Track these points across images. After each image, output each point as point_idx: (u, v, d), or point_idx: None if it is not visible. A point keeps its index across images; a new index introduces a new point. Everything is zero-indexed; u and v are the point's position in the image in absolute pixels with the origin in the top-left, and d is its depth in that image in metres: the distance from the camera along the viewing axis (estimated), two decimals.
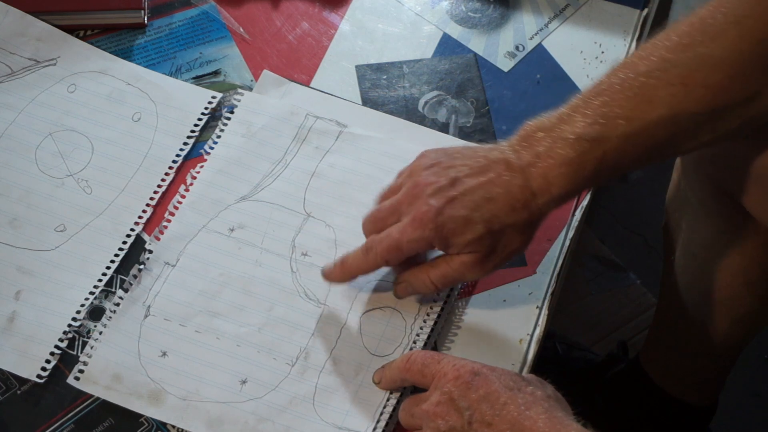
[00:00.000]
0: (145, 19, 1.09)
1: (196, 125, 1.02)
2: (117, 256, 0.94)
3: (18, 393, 0.87)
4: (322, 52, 1.09)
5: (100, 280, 0.92)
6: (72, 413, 0.86)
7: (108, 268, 0.93)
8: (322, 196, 0.97)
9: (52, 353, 0.88)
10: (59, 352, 0.89)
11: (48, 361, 0.88)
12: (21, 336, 0.89)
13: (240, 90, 1.04)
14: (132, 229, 0.95)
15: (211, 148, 1.01)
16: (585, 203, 0.99)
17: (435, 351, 0.89)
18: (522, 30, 1.11)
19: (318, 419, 0.86)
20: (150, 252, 0.94)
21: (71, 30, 1.08)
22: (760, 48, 0.81)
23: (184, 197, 0.97)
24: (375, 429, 0.85)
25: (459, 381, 0.80)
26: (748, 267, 1.18)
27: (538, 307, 0.93)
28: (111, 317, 0.90)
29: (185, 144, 1.01)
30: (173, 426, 0.86)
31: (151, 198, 0.97)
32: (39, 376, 0.87)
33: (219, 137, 1.01)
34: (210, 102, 1.03)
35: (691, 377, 1.37)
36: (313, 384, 0.88)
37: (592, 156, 0.83)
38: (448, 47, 1.10)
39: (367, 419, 0.86)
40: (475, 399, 0.79)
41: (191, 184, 0.98)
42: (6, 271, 0.93)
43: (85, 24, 1.08)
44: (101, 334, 0.89)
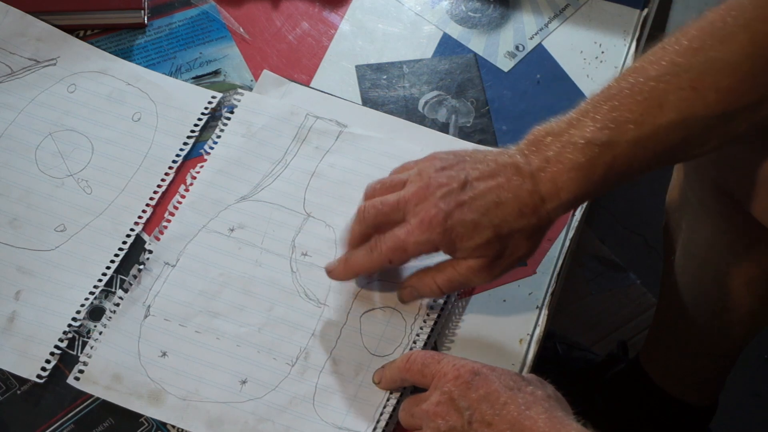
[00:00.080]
0: (145, 19, 1.09)
1: (196, 125, 1.02)
2: (117, 256, 0.94)
3: (18, 393, 0.87)
4: (322, 52, 1.09)
5: (100, 280, 0.92)
6: (72, 413, 0.86)
7: (108, 268, 0.93)
8: (322, 196, 0.97)
9: (52, 353, 0.88)
10: (59, 352, 0.89)
11: (48, 361, 0.88)
12: (21, 336, 0.89)
13: (240, 90, 1.04)
14: (132, 229, 0.95)
15: (211, 148, 1.01)
16: (585, 203, 0.99)
17: (435, 351, 0.89)
18: (522, 30, 1.11)
19: (318, 419, 0.86)
20: (150, 252, 0.94)
21: (71, 30, 1.08)
22: None
23: (184, 197, 0.97)
24: (375, 429, 0.85)
25: (459, 381, 0.80)
26: (748, 267, 1.18)
27: (538, 307, 0.93)
28: (111, 317, 0.90)
29: (185, 144, 1.01)
30: (173, 426, 0.86)
31: (151, 198, 0.97)
32: (39, 376, 0.87)
33: (219, 137, 1.01)
34: (210, 102, 1.03)
35: (691, 377, 1.37)
36: (313, 384, 0.88)
37: (601, 161, 0.82)
38: (448, 47, 1.10)
39: (367, 419, 0.86)
40: (475, 399, 0.79)
41: (191, 184, 0.98)
42: (6, 271, 0.93)
43: (85, 24, 1.08)
44: (101, 334, 0.89)
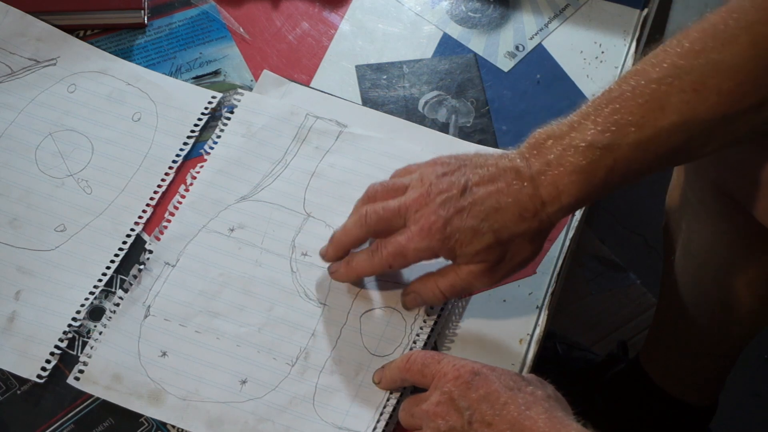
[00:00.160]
0: (145, 19, 1.09)
1: (196, 125, 1.02)
2: (117, 256, 0.94)
3: (18, 393, 0.87)
4: (322, 52, 1.09)
5: (100, 280, 0.92)
6: (72, 413, 0.86)
7: (108, 268, 0.93)
8: (322, 196, 0.97)
9: (52, 353, 0.88)
10: (59, 352, 0.89)
11: (48, 361, 0.88)
12: (21, 336, 0.89)
13: (240, 90, 1.04)
14: (132, 229, 0.95)
15: (211, 148, 1.01)
16: None
17: (435, 351, 0.89)
18: (522, 30, 1.11)
19: (318, 419, 0.86)
20: (150, 252, 0.94)
21: (71, 30, 1.08)
22: None
23: (184, 197, 0.97)
24: (375, 429, 0.85)
25: (459, 381, 0.80)
26: (748, 267, 1.18)
27: (538, 307, 0.93)
28: (111, 317, 0.90)
29: (185, 144, 1.01)
30: (173, 426, 0.86)
31: (151, 198, 0.97)
32: (39, 376, 0.87)
33: (219, 137, 1.01)
34: (210, 102, 1.03)
35: (691, 377, 1.37)
36: (313, 384, 0.88)
37: (603, 164, 0.82)
38: (448, 47, 1.10)
39: (367, 419, 0.86)
40: (475, 399, 0.79)
41: (191, 184, 0.98)
42: (6, 271, 0.93)
43: (85, 24, 1.08)
44: (101, 334, 0.89)
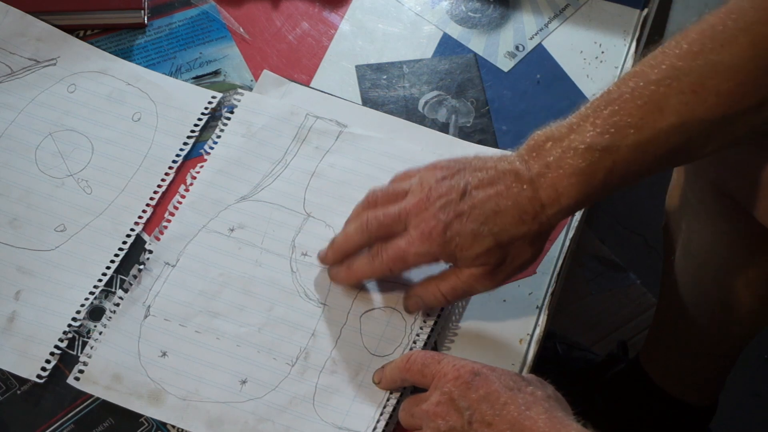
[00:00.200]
0: (145, 19, 1.09)
1: (196, 125, 1.02)
2: (117, 256, 0.94)
3: (18, 393, 0.87)
4: (322, 52, 1.09)
5: (100, 280, 0.92)
6: (72, 413, 0.86)
7: (108, 268, 0.93)
8: (322, 196, 0.97)
9: (52, 353, 0.88)
10: (59, 352, 0.89)
11: (48, 361, 0.88)
12: (21, 336, 0.89)
13: (240, 90, 1.04)
14: (132, 229, 0.95)
15: (211, 148, 1.01)
16: None
17: (435, 351, 0.89)
18: (522, 30, 1.11)
19: (318, 419, 0.86)
20: (150, 252, 0.94)
21: (71, 30, 1.08)
22: None
23: (184, 197, 0.97)
24: (375, 429, 0.85)
25: (459, 381, 0.80)
26: (748, 267, 1.18)
27: (538, 307, 0.93)
28: (111, 317, 0.90)
29: (185, 144, 1.01)
30: (173, 426, 0.86)
31: (151, 198, 0.97)
32: (39, 376, 0.87)
33: (219, 137, 1.01)
34: (210, 102, 1.03)
35: (691, 377, 1.37)
36: (313, 384, 0.88)
37: (602, 166, 0.82)
38: (448, 47, 1.10)
39: (367, 419, 0.86)
40: (475, 399, 0.79)
41: (191, 184, 0.98)
42: (6, 271, 0.93)
43: (85, 24, 1.08)
44: (101, 334, 0.89)
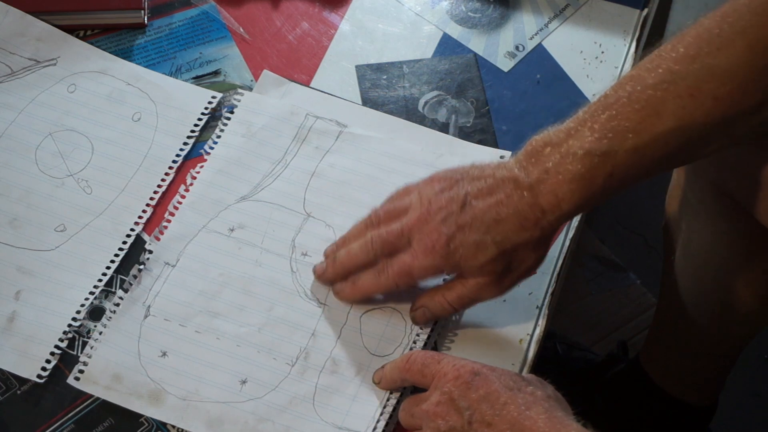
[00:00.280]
0: (145, 19, 1.09)
1: (196, 125, 1.02)
2: (117, 256, 0.94)
3: (18, 393, 0.87)
4: (322, 52, 1.09)
5: (100, 280, 0.92)
6: (72, 413, 0.86)
7: (108, 268, 0.93)
8: (322, 196, 0.97)
9: (52, 353, 0.88)
10: (59, 352, 0.89)
11: (48, 361, 0.88)
12: (21, 336, 0.89)
13: (240, 90, 1.04)
14: (132, 229, 0.95)
15: (211, 148, 1.01)
16: None
17: (435, 351, 0.89)
18: (522, 30, 1.11)
19: (318, 419, 0.86)
20: (150, 252, 0.94)
21: (71, 30, 1.08)
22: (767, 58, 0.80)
23: (184, 197, 0.97)
24: (375, 429, 0.85)
25: (459, 381, 0.80)
26: (748, 267, 1.18)
27: (538, 307, 0.93)
28: (111, 317, 0.90)
29: (185, 144, 1.01)
30: (173, 426, 0.86)
31: (151, 198, 0.97)
32: (39, 376, 0.87)
33: (219, 137, 1.01)
34: (210, 102, 1.03)
35: (691, 377, 1.37)
36: (313, 384, 0.88)
37: (601, 171, 0.82)
38: (448, 47, 1.10)
39: (367, 419, 0.86)
40: (475, 399, 0.79)
41: (191, 184, 0.98)
42: (6, 271, 0.93)
43: (85, 24, 1.08)
44: (101, 334, 0.89)
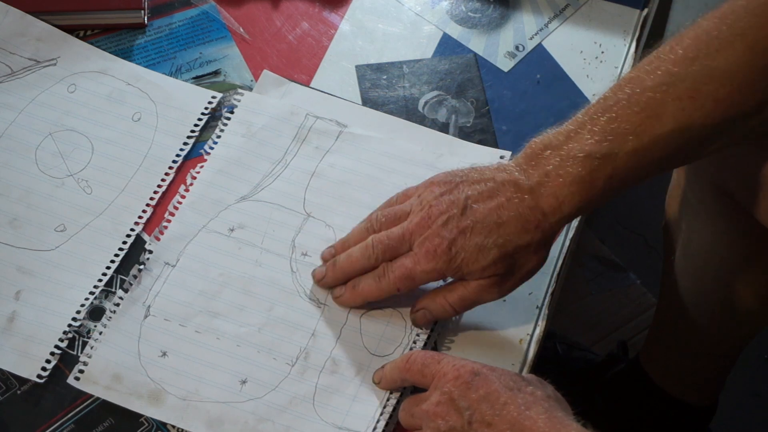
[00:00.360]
0: (145, 19, 1.09)
1: (196, 125, 1.02)
2: (117, 256, 0.94)
3: (18, 393, 0.87)
4: (322, 52, 1.09)
5: (100, 280, 0.92)
6: (72, 413, 0.86)
7: (108, 268, 0.93)
8: (322, 196, 0.97)
9: (52, 353, 0.88)
10: (59, 352, 0.89)
11: (48, 361, 0.88)
12: (21, 336, 0.89)
13: (240, 90, 1.04)
14: (132, 229, 0.95)
15: (211, 148, 1.01)
16: None
17: (435, 351, 0.89)
18: (522, 30, 1.11)
19: (318, 419, 0.86)
20: (150, 252, 0.94)
21: (71, 30, 1.08)
22: (767, 59, 0.80)
23: (184, 197, 0.97)
24: (375, 429, 0.85)
25: (459, 381, 0.80)
26: (748, 267, 1.18)
27: (538, 307, 0.93)
28: (111, 317, 0.90)
29: (185, 144, 1.01)
30: (173, 426, 0.86)
31: (151, 198, 0.97)
32: (39, 376, 0.87)
33: (219, 137, 1.01)
34: (210, 102, 1.03)
35: (691, 377, 1.37)
36: (313, 384, 0.88)
37: (602, 173, 0.82)
38: (448, 47, 1.10)
39: (367, 419, 0.86)
40: (475, 399, 0.79)
41: (191, 184, 0.98)
42: (6, 271, 0.93)
43: (85, 24, 1.08)
44: (101, 334, 0.89)
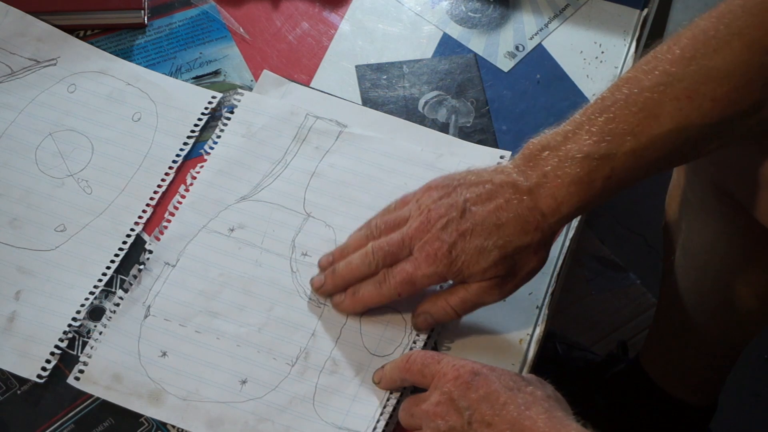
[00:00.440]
0: (145, 19, 1.09)
1: (196, 125, 1.02)
2: (117, 256, 0.94)
3: (18, 393, 0.87)
4: (322, 52, 1.09)
5: (100, 280, 0.92)
6: (72, 413, 0.86)
7: (108, 268, 0.93)
8: (322, 196, 0.97)
9: (52, 353, 0.88)
10: (59, 352, 0.89)
11: (48, 361, 0.88)
12: (21, 336, 0.89)
13: (240, 90, 1.04)
14: (132, 229, 0.95)
15: (211, 148, 1.01)
16: None
17: (435, 351, 0.89)
18: (522, 30, 1.11)
19: (318, 419, 0.86)
20: (150, 252, 0.94)
21: (71, 30, 1.08)
22: (764, 58, 0.80)
23: (184, 197, 0.97)
24: (375, 429, 0.85)
25: (459, 381, 0.80)
26: (748, 267, 1.18)
27: (538, 307, 0.93)
28: (111, 317, 0.90)
29: (185, 144, 1.01)
30: (173, 426, 0.86)
31: (151, 198, 0.97)
32: (39, 376, 0.87)
33: (219, 137, 1.01)
34: (210, 102, 1.03)
35: (691, 377, 1.37)
36: (313, 384, 0.88)
37: (600, 173, 0.82)
38: (448, 47, 1.10)
39: (367, 419, 0.86)
40: (475, 399, 0.79)
41: (191, 184, 0.98)
42: (6, 271, 0.93)
43: (85, 24, 1.08)
44: (101, 334, 0.89)
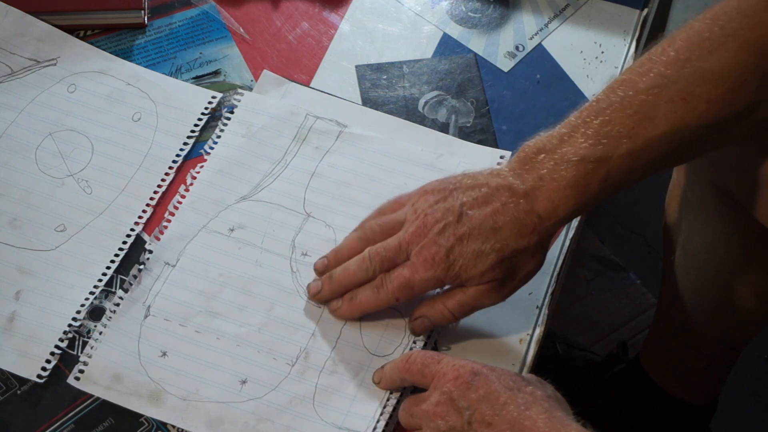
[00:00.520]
0: (145, 19, 1.09)
1: (196, 125, 1.02)
2: (117, 256, 0.94)
3: (18, 393, 0.87)
4: (322, 52, 1.09)
5: (100, 280, 0.92)
6: (72, 413, 0.86)
7: (108, 268, 0.93)
8: (322, 196, 0.97)
9: (52, 353, 0.88)
10: (59, 352, 0.89)
11: (48, 361, 0.88)
12: (21, 336, 0.89)
13: (240, 90, 1.04)
14: (132, 229, 0.95)
15: (211, 148, 1.01)
16: None
17: (435, 351, 0.89)
18: (522, 30, 1.11)
19: (318, 419, 0.86)
20: (150, 252, 0.94)
21: (71, 30, 1.08)
22: (759, 59, 0.80)
23: (184, 197, 0.97)
24: (375, 429, 0.85)
25: (459, 381, 0.80)
26: (748, 267, 1.18)
27: (538, 307, 0.93)
28: (111, 317, 0.90)
29: (185, 144, 1.01)
30: (173, 426, 0.86)
31: (151, 198, 0.97)
32: (39, 376, 0.87)
33: (219, 137, 1.01)
34: (210, 102, 1.03)
35: (691, 377, 1.37)
36: (313, 384, 0.88)
37: (596, 176, 0.82)
38: (448, 47, 1.10)
39: (367, 419, 0.86)
40: (475, 399, 0.79)
41: (191, 184, 0.98)
42: (6, 271, 0.93)
43: (85, 24, 1.08)
44: (101, 334, 0.89)
